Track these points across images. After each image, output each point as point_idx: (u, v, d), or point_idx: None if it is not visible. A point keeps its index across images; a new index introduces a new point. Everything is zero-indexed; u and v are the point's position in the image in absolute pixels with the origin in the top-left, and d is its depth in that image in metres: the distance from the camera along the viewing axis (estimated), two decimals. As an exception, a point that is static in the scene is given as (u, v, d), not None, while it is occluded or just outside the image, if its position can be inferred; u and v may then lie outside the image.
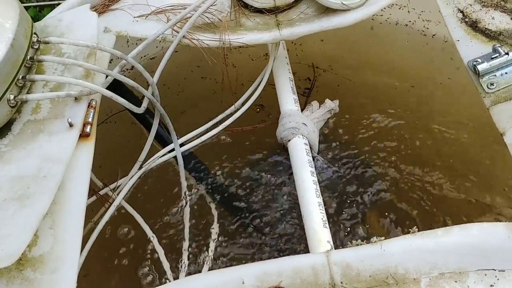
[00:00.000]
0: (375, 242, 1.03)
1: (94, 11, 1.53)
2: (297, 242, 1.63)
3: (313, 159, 1.48)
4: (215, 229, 1.60)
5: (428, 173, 1.85)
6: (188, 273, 1.49)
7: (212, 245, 1.57)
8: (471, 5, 1.38)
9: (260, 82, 1.66)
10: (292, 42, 1.94)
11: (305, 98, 1.97)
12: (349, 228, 1.66)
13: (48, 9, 3.38)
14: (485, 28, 1.32)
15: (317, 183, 1.38)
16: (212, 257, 1.54)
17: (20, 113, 1.25)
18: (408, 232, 1.04)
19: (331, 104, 1.61)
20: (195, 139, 1.63)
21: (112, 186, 1.53)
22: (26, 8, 3.63)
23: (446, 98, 1.87)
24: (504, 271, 0.96)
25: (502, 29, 1.31)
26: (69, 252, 1.05)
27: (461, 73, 1.33)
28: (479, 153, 1.83)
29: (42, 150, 1.17)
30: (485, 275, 0.96)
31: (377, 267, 0.99)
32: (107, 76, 1.33)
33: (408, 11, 1.82)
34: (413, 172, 1.86)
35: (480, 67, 1.22)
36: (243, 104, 1.66)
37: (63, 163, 1.13)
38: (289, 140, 1.49)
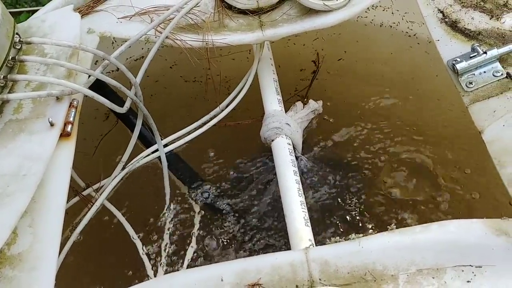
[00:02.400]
0: (353, 239, 1.03)
1: (78, 12, 1.54)
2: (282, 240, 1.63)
3: (297, 159, 1.48)
4: (196, 226, 1.60)
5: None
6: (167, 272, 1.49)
7: (193, 243, 1.57)
8: (451, 6, 1.39)
9: (245, 83, 1.67)
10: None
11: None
12: (331, 227, 1.66)
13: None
14: (465, 28, 1.33)
15: (300, 182, 1.38)
16: (192, 255, 1.54)
17: (1, 113, 1.26)
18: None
19: (314, 105, 1.62)
20: (179, 140, 1.63)
21: (96, 186, 1.52)
22: (19, 13, 3.64)
23: (430, 99, 1.88)
24: (481, 267, 0.96)
25: (481, 29, 1.32)
26: (48, 250, 1.06)
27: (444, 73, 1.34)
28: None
29: (23, 149, 1.17)
30: (462, 271, 0.96)
31: (355, 263, 0.99)
32: (89, 76, 1.33)
33: (392, 13, 1.83)
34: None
35: (459, 66, 1.23)
36: (227, 105, 1.66)
37: (43, 162, 1.13)
38: (272, 140, 1.50)
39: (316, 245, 1.23)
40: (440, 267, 0.97)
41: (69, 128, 1.22)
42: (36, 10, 3.43)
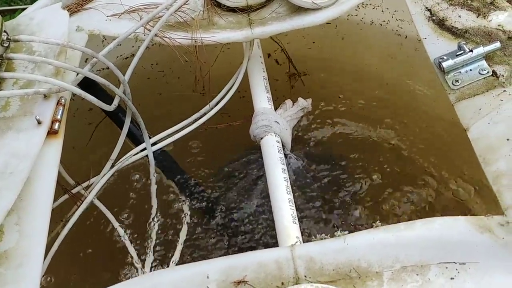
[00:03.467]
0: (338, 236, 1.04)
1: (67, 10, 1.54)
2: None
3: (286, 157, 1.49)
4: (185, 226, 1.61)
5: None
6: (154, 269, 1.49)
7: (181, 240, 1.57)
8: (438, 4, 1.40)
9: (235, 81, 1.67)
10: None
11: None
12: (319, 224, 1.67)
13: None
14: (452, 26, 1.34)
15: (288, 180, 1.39)
16: (180, 252, 1.54)
17: (-11, 111, 1.25)
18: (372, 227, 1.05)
19: (304, 103, 1.62)
20: (168, 138, 1.63)
21: (85, 184, 1.53)
22: (14, 10, 3.62)
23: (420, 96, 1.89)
24: (464, 264, 0.97)
25: (468, 27, 1.33)
26: (35, 248, 1.06)
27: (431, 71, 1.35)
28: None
29: (10, 146, 1.18)
30: (446, 268, 0.97)
31: (340, 260, 1.00)
32: (77, 74, 1.33)
33: (382, 11, 1.84)
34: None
35: (445, 64, 1.24)
36: (217, 103, 1.66)
37: (30, 159, 1.14)
38: (261, 138, 1.50)
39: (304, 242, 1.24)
40: (424, 264, 0.98)
41: (56, 126, 1.23)
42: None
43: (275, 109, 1.60)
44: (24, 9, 3.48)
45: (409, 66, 1.87)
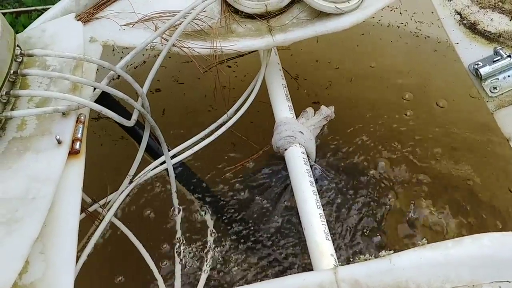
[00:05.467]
0: (383, 256, 0.99)
1: (78, 20, 1.47)
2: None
3: (311, 168, 1.43)
4: (210, 242, 1.55)
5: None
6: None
7: (208, 259, 1.51)
8: (468, 7, 1.35)
9: (253, 89, 1.61)
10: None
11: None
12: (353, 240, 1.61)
13: (25, 16, 3.28)
14: (484, 30, 1.29)
15: (317, 194, 1.34)
16: (208, 272, 1.48)
17: (4, 131, 1.18)
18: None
19: (326, 111, 1.56)
20: (187, 150, 1.57)
21: (102, 202, 1.46)
22: (3, 14, 3.52)
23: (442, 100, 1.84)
24: (518, 282, 0.92)
25: (501, 31, 1.28)
26: (62, 277, 0.99)
27: (459, 74, 1.30)
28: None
29: (30, 169, 1.11)
30: (500, 287, 0.93)
31: (387, 282, 0.95)
32: (95, 89, 1.27)
33: (400, 13, 1.79)
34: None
35: (483, 71, 1.19)
36: (235, 112, 1.60)
37: (52, 183, 1.07)
38: (285, 149, 1.45)
39: (338, 261, 1.19)
40: (476, 284, 0.94)
41: (77, 145, 1.15)
42: (21, 11, 3.35)
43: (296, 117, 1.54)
44: (12, 13, 3.42)
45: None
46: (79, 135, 1.17)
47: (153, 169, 1.52)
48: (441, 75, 1.75)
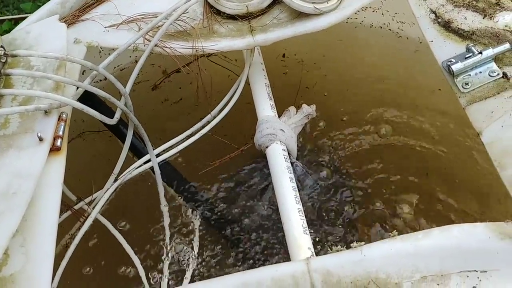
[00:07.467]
0: (355, 247, 1.01)
1: (64, 22, 1.51)
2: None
3: (292, 165, 1.46)
4: (195, 241, 1.57)
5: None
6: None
7: (193, 256, 1.54)
8: (443, 6, 1.38)
9: (237, 89, 1.64)
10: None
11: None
12: (330, 234, 1.64)
13: (9, 23, 3.33)
14: (458, 28, 1.32)
15: (297, 189, 1.36)
16: (192, 270, 1.50)
17: (-12, 129, 1.22)
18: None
19: (308, 109, 1.59)
20: (171, 149, 1.60)
21: (87, 200, 1.49)
22: (1, 21, 3.57)
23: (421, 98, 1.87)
24: (486, 272, 0.95)
25: (474, 29, 1.31)
26: (42, 270, 1.02)
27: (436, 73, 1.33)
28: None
29: (12, 166, 1.14)
30: (467, 276, 0.95)
31: (358, 272, 0.97)
32: (77, 88, 1.30)
33: (382, 14, 1.82)
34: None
35: (454, 67, 1.21)
36: (219, 112, 1.63)
37: (33, 179, 1.10)
38: (267, 147, 1.47)
39: (315, 253, 1.21)
40: (445, 273, 0.96)
41: (58, 142, 1.19)
42: (19, 18, 3.40)
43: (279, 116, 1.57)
44: (10, 20, 3.47)
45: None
46: (60, 133, 1.20)
47: (137, 168, 1.54)
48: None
